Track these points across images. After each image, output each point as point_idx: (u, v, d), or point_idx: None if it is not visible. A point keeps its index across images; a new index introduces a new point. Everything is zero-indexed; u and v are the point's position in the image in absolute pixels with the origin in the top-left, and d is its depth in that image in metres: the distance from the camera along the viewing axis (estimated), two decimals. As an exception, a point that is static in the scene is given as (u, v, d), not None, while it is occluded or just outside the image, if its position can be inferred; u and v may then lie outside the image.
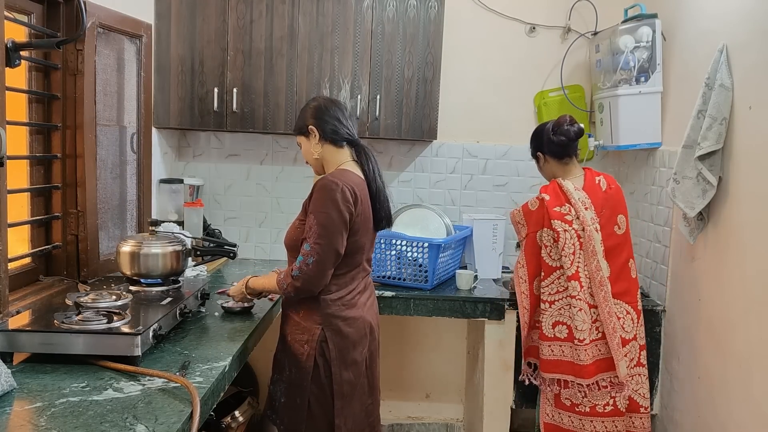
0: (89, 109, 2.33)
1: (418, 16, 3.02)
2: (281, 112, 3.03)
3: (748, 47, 2.15)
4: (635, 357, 2.47)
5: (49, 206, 2.32)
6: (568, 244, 2.37)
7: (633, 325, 2.45)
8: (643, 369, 2.49)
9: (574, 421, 2.44)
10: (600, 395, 2.39)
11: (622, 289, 2.43)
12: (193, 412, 1.42)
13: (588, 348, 2.36)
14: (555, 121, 2.54)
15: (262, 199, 3.45)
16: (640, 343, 2.48)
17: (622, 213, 2.48)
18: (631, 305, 2.46)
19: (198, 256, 2.56)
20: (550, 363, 2.44)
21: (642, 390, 2.49)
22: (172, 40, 2.99)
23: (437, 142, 3.33)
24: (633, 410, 2.48)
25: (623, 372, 2.36)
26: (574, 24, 3.31)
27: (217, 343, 1.93)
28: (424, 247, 2.85)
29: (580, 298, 2.36)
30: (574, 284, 2.36)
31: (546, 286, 2.44)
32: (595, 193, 2.45)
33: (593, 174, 2.53)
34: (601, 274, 2.36)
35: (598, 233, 2.37)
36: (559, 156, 2.53)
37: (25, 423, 1.35)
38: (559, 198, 2.43)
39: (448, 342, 3.52)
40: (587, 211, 2.38)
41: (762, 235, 2.03)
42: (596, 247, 2.35)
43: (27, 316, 1.80)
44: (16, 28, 2.08)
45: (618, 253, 2.44)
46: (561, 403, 2.46)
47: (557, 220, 2.39)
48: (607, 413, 2.40)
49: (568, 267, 2.37)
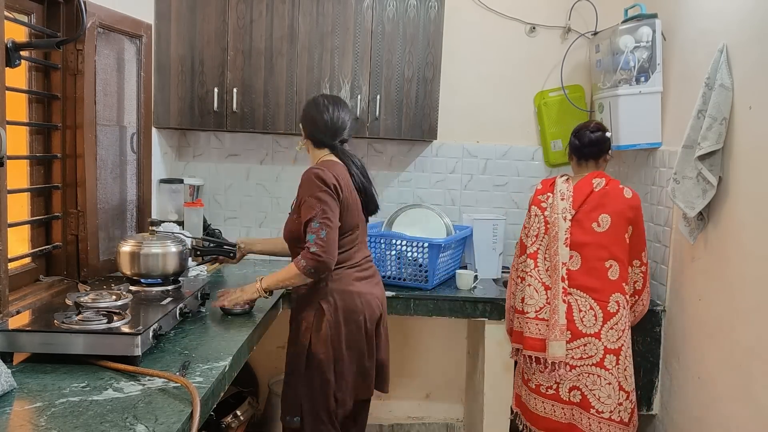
0: (89, 109, 2.33)
1: (418, 16, 3.02)
2: (281, 112, 3.03)
3: (748, 47, 2.15)
4: (594, 356, 2.43)
5: (49, 206, 2.32)
6: (534, 226, 2.59)
7: (595, 322, 2.44)
8: (605, 372, 2.42)
9: (526, 395, 2.61)
10: (543, 377, 2.51)
11: (592, 285, 2.45)
12: (193, 412, 1.43)
13: (530, 322, 2.52)
14: (583, 123, 2.68)
15: (262, 199, 3.45)
16: (606, 345, 2.42)
17: (608, 214, 2.46)
18: (598, 302, 2.44)
19: (198, 256, 2.57)
20: (515, 333, 2.64)
21: (598, 392, 2.42)
22: (172, 40, 2.99)
23: (437, 142, 3.33)
24: (583, 407, 2.44)
25: (551, 352, 2.44)
26: (574, 24, 3.31)
27: (217, 343, 1.93)
28: (424, 247, 2.85)
29: (531, 275, 2.55)
30: (530, 262, 2.57)
31: (521, 263, 2.65)
32: (582, 189, 2.52)
33: (596, 176, 2.54)
34: (557, 259, 2.48)
35: (566, 222, 2.49)
36: (577, 157, 2.62)
37: (25, 423, 1.35)
38: (545, 188, 2.62)
39: (448, 342, 3.52)
40: (562, 201, 2.52)
41: (762, 235, 2.03)
42: (559, 234, 2.49)
43: (27, 316, 1.80)
44: (16, 28, 2.08)
45: (593, 249, 2.46)
46: (523, 376, 2.63)
47: (534, 205, 2.62)
48: (548, 395, 2.52)
49: (529, 246, 2.60)
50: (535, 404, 2.56)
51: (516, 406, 2.70)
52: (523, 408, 2.64)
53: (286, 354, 2.31)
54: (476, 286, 2.97)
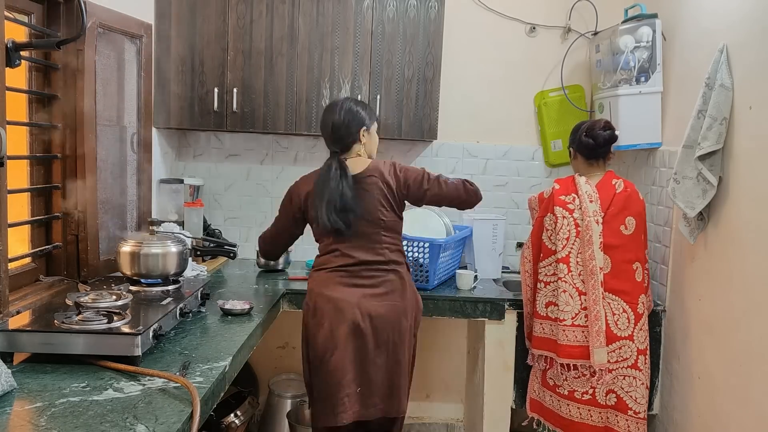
0: (89, 109, 2.33)
1: (418, 16, 3.02)
2: (281, 112, 3.03)
3: (748, 47, 2.15)
4: (629, 358, 2.47)
5: (49, 206, 2.32)
6: (564, 229, 2.51)
7: (628, 324, 2.47)
8: (638, 373, 2.47)
9: (554, 401, 2.57)
10: (579, 382, 2.49)
11: (622, 287, 2.48)
12: (194, 412, 1.42)
13: (567, 329, 2.48)
14: (590, 122, 2.65)
15: (262, 199, 3.45)
16: (638, 347, 2.47)
17: (633, 216, 2.50)
18: (629, 305, 2.47)
19: (198, 256, 2.57)
20: (538, 339, 2.59)
21: (634, 393, 2.47)
22: (172, 40, 2.99)
23: (437, 142, 3.33)
24: (619, 409, 2.48)
25: (597, 359, 2.43)
26: (574, 24, 3.31)
27: (217, 343, 1.93)
28: (425, 247, 2.85)
29: (565, 281, 2.49)
30: (562, 267, 2.50)
31: (543, 267, 2.59)
32: (606, 190, 2.52)
33: (612, 176, 2.58)
34: (593, 263, 2.45)
35: (599, 225, 2.46)
36: (586, 156, 2.62)
37: (26, 423, 1.35)
38: (567, 189, 2.57)
39: (448, 342, 3.52)
40: (591, 203, 2.49)
41: (762, 235, 2.03)
42: (593, 237, 2.45)
43: (27, 316, 1.80)
44: (16, 28, 2.08)
45: (621, 252, 2.49)
46: (546, 381, 2.60)
47: (559, 207, 2.53)
48: (583, 401, 2.50)
49: (559, 250, 2.51)
50: (568, 410, 2.52)
51: (534, 412, 2.67)
52: (548, 414, 2.61)
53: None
54: (476, 286, 2.97)
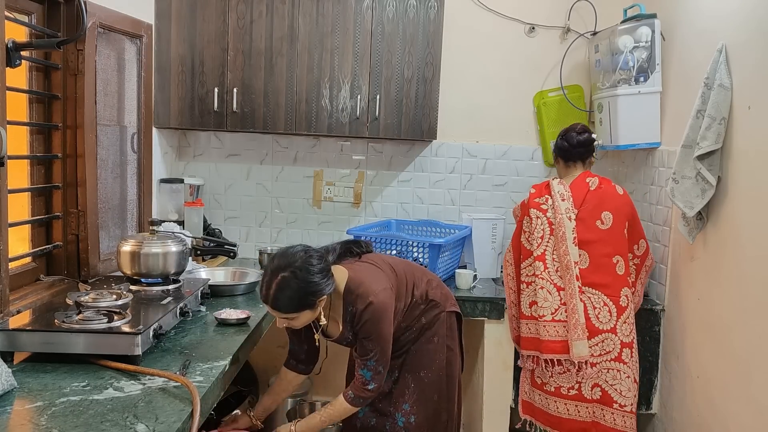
0: (89, 109, 2.33)
1: (418, 16, 3.03)
2: (281, 112, 3.03)
3: (748, 47, 2.15)
4: (612, 351, 2.49)
5: (50, 206, 2.33)
6: (538, 228, 2.58)
7: (610, 317, 2.49)
8: (623, 366, 2.49)
9: (542, 399, 2.60)
10: (565, 378, 2.52)
11: (602, 281, 2.51)
12: (194, 412, 1.43)
13: (548, 325, 2.51)
14: (568, 127, 2.72)
15: (262, 199, 3.46)
16: (622, 340, 2.49)
17: (609, 211, 2.54)
18: (610, 298, 2.50)
19: (198, 256, 2.57)
20: (524, 340, 2.61)
21: (619, 386, 2.48)
22: (172, 40, 2.99)
23: (437, 141, 3.33)
24: (605, 403, 2.49)
25: (576, 352, 2.45)
26: (573, 24, 3.31)
27: (217, 343, 1.93)
28: (425, 247, 2.86)
29: (542, 278, 2.54)
30: (539, 264, 2.55)
31: (524, 268, 2.63)
32: (579, 188, 2.58)
33: (587, 175, 2.63)
34: (568, 258, 2.49)
35: (572, 222, 2.52)
36: (564, 158, 2.69)
37: (26, 422, 1.36)
38: (541, 192, 2.64)
39: (448, 341, 3.52)
40: (564, 201, 2.55)
41: (761, 234, 2.04)
42: (566, 234, 2.51)
43: (27, 316, 1.81)
44: (16, 28, 2.09)
45: (599, 246, 2.53)
46: (534, 381, 2.62)
47: (533, 208, 2.62)
48: (570, 396, 2.52)
49: (535, 249, 2.58)
50: (556, 407, 2.55)
51: (526, 413, 2.68)
52: (538, 413, 2.62)
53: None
54: (475, 286, 2.97)
